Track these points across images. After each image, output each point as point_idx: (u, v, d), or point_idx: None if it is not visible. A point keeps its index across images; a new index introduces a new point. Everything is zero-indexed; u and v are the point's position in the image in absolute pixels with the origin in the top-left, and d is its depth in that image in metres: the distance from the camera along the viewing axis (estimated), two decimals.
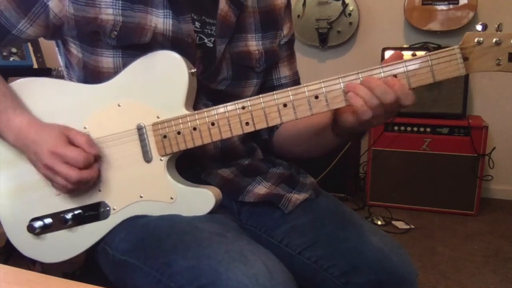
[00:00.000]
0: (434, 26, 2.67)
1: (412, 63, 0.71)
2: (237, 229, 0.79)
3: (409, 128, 2.55)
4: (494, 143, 2.67)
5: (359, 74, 0.73)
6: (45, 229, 0.83)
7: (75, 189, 0.80)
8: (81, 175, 0.77)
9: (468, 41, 0.70)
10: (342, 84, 0.73)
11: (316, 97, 0.74)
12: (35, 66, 2.16)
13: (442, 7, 2.63)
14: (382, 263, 0.79)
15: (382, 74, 0.72)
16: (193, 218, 0.78)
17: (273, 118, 0.75)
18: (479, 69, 0.70)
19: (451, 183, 2.52)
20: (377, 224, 2.43)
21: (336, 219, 0.86)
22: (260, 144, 1.03)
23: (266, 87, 1.00)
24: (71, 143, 0.78)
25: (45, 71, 2.10)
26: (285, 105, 0.75)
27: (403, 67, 0.71)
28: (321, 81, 0.73)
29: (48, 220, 0.83)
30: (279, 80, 1.02)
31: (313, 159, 0.97)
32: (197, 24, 0.87)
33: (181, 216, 0.79)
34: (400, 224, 2.42)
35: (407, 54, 0.74)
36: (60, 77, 0.92)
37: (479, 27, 0.70)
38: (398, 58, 0.73)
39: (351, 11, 2.85)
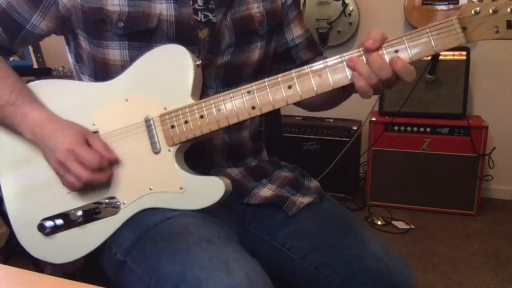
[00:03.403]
0: None
1: (413, 36, 0.72)
2: (229, 235, 0.78)
3: (409, 128, 2.55)
4: (494, 143, 2.66)
5: (361, 51, 0.73)
6: (56, 228, 0.83)
7: (83, 189, 0.80)
8: (92, 176, 0.77)
9: (465, 12, 0.70)
10: (345, 62, 0.74)
11: (320, 76, 0.74)
12: (35, 66, 2.16)
13: (442, 7, 2.63)
14: (382, 273, 0.78)
15: (384, 50, 0.72)
16: (190, 219, 0.78)
17: (278, 100, 0.76)
18: (479, 38, 0.71)
19: (451, 183, 2.52)
20: (377, 224, 2.43)
21: (339, 225, 0.86)
22: (266, 141, 1.03)
23: (281, 51, 1.00)
24: (88, 144, 0.79)
25: (45, 71, 2.09)
26: (289, 87, 0.75)
27: (404, 41, 0.72)
28: (324, 61, 0.74)
29: (59, 219, 0.82)
30: (294, 40, 1.01)
31: (313, 159, 0.97)
32: (200, 1, 0.87)
33: (180, 217, 0.79)
34: (400, 224, 2.42)
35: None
36: (61, 77, 0.93)
37: None
38: (381, 39, 0.72)
39: (351, 11, 2.85)
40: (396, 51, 0.72)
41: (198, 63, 0.81)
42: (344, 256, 0.80)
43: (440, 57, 2.49)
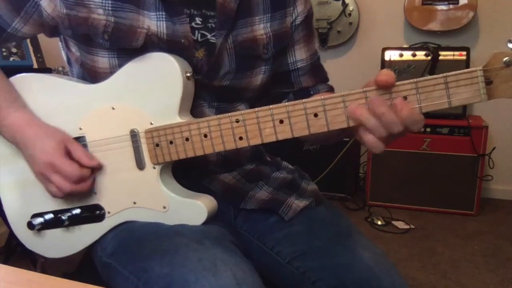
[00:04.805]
0: (434, 26, 2.66)
1: (425, 84, 0.62)
2: (220, 234, 0.77)
3: None
4: (494, 143, 2.67)
5: (365, 93, 0.64)
6: (44, 226, 0.84)
7: (66, 196, 0.80)
8: (74, 188, 0.77)
9: (494, 61, 0.59)
10: (344, 103, 0.66)
11: (316, 115, 0.67)
12: (35, 66, 2.16)
13: (442, 7, 2.63)
14: (370, 282, 0.76)
15: (390, 95, 0.63)
16: None
17: (268, 135, 0.70)
18: (505, 95, 0.59)
19: (451, 183, 2.52)
20: (377, 224, 2.43)
21: (330, 231, 0.84)
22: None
23: (280, 72, 0.94)
24: (69, 154, 0.77)
25: (45, 71, 2.10)
26: (281, 122, 0.69)
27: (415, 88, 0.62)
28: (322, 98, 0.67)
29: (47, 218, 0.83)
30: (295, 64, 0.94)
31: (313, 159, 0.96)
32: (198, 20, 0.82)
33: None
34: (400, 224, 2.42)
35: (407, 54, 0.72)
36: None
37: (511, 45, 0.58)
38: (389, 82, 0.63)
39: (351, 11, 2.85)
40: (405, 98, 0.63)
41: (188, 75, 0.76)
42: (332, 263, 0.78)
43: (440, 57, 2.50)
